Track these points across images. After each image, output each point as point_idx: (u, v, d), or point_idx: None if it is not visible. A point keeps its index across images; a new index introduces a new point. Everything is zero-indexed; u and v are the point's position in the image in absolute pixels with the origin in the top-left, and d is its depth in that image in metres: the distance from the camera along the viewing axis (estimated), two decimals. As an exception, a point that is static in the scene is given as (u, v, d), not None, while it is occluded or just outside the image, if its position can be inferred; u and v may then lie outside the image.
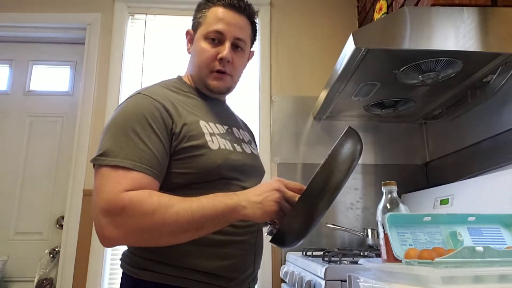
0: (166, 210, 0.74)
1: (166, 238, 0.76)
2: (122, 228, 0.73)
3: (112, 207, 0.73)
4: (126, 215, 0.73)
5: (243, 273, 0.91)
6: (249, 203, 0.76)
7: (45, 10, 2.14)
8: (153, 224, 0.73)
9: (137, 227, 0.73)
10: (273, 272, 1.82)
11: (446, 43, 1.19)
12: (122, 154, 0.77)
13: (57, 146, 2.13)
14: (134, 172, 0.77)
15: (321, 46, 2.16)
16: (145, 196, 0.75)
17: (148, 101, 0.85)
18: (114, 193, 0.74)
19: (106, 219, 0.73)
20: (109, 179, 0.76)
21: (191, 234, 0.77)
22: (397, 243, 0.74)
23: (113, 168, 0.76)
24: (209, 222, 0.76)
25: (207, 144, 0.87)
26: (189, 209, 0.75)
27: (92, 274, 1.81)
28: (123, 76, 2.08)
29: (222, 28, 0.95)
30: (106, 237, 0.74)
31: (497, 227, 0.82)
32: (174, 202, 0.75)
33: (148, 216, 0.73)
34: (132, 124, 0.81)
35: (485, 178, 1.31)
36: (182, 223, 0.74)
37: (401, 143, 2.00)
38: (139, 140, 0.79)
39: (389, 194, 0.87)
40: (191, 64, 1.02)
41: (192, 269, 0.83)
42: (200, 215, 0.75)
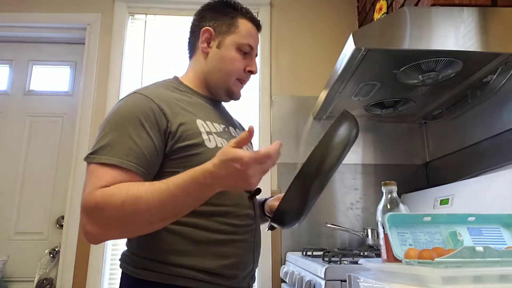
0: (136, 200, 0.72)
1: (143, 227, 0.76)
2: (98, 224, 0.75)
3: (87, 204, 0.74)
4: (99, 210, 0.73)
5: (242, 271, 0.92)
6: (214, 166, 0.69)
7: (45, 10, 2.14)
8: (125, 215, 0.73)
9: (111, 220, 0.74)
10: (273, 272, 1.82)
11: (446, 43, 1.19)
12: (110, 152, 0.79)
13: (57, 146, 2.13)
14: (118, 170, 0.77)
15: (321, 46, 2.16)
16: (114, 188, 0.75)
17: (143, 100, 0.86)
18: (90, 190, 0.75)
19: (85, 216, 0.75)
20: (92, 177, 0.78)
21: (170, 219, 0.77)
22: (397, 243, 0.74)
23: (100, 165, 0.78)
24: (184, 205, 0.75)
25: (204, 143, 0.88)
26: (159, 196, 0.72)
27: (92, 274, 1.81)
28: (123, 76, 2.08)
29: (253, 44, 1.03)
30: (87, 233, 0.76)
31: (497, 227, 0.82)
32: (143, 190, 0.73)
33: (118, 208, 0.73)
34: (124, 123, 0.82)
35: (485, 178, 1.31)
36: (155, 211, 0.73)
37: (401, 143, 2.00)
38: (128, 139, 0.80)
39: (389, 194, 0.87)
40: (211, 66, 1.01)
41: (192, 268, 0.83)
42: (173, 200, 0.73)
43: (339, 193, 1.93)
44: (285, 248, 1.84)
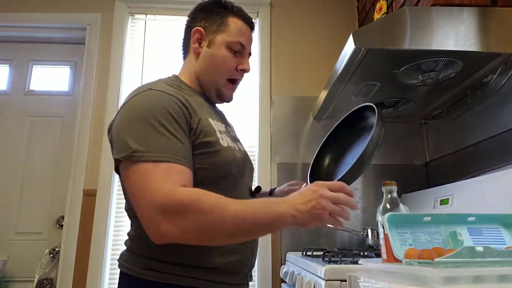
0: (223, 210, 0.74)
1: (220, 237, 0.77)
2: (180, 225, 0.73)
3: (170, 203, 0.73)
4: (184, 212, 0.73)
5: (244, 268, 0.94)
6: (298, 212, 0.76)
7: (45, 10, 2.14)
8: (211, 222, 0.74)
9: (195, 224, 0.73)
10: (273, 272, 1.82)
11: (446, 43, 1.19)
12: (158, 148, 0.77)
13: (57, 146, 2.13)
14: (176, 165, 0.77)
15: (321, 46, 2.16)
16: (202, 194, 0.75)
17: (164, 95, 0.85)
18: (168, 188, 0.74)
19: (163, 216, 0.72)
20: (154, 175, 0.75)
21: (244, 236, 0.80)
22: (397, 243, 0.74)
23: (154, 163, 0.76)
24: (261, 227, 0.78)
25: (219, 141, 0.89)
26: (243, 211, 0.75)
27: (92, 274, 1.81)
28: (123, 76, 2.08)
29: (245, 42, 1.01)
30: (161, 233, 0.73)
31: (497, 227, 0.82)
32: (230, 202, 0.76)
33: (205, 214, 0.73)
34: (157, 117, 0.80)
35: (485, 178, 1.31)
36: (236, 225, 0.75)
37: (401, 143, 2.00)
38: (169, 134, 0.80)
39: (389, 194, 0.87)
40: (203, 66, 1.01)
41: (199, 266, 0.84)
42: (253, 220, 0.76)
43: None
44: (285, 248, 1.84)
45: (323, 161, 1.31)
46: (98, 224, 1.87)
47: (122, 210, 1.93)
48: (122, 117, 0.84)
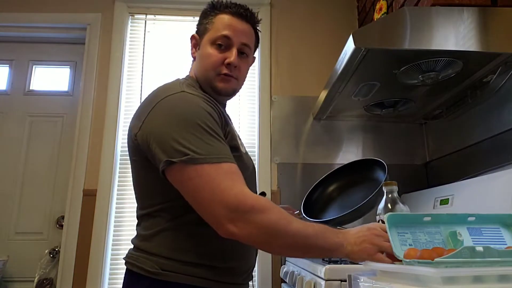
0: (289, 224, 0.78)
1: (279, 248, 0.81)
2: (248, 227, 0.76)
3: (242, 205, 0.76)
4: (255, 214, 0.76)
5: (250, 267, 0.97)
6: (349, 245, 0.79)
7: (45, 10, 2.14)
8: (276, 232, 0.77)
9: (262, 230, 0.77)
10: (273, 272, 1.82)
11: (446, 43, 1.19)
12: (214, 150, 0.80)
13: (57, 146, 2.13)
14: (233, 165, 0.81)
15: (321, 46, 2.16)
16: (269, 202, 0.80)
17: (200, 99, 0.88)
18: (238, 190, 0.77)
19: (235, 216, 0.76)
20: (220, 176, 0.78)
21: (299, 253, 0.84)
22: (397, 243, 0.74)
23: (215, 164, 0.79)
24: (316, 250, 0.81)
25: (240, 147, 0.94)
26: (305, 231, 0.79)
27: (92, 274, 1.81)
28: (123, 76, 2.07)
29: (229, 34, 0.98)
30: (230, 232, 0.77)
31: (497, 227, 0.82)
32: (294, 219, 0.80)
33: (273, 223, 0.77)
34: (203, 120, 0.83)
35: (485, 178, 1.31)
36: (297, 240, 0.78)
37: (401, 143, 2.00)
38: (218, 136, 0.83)
39: (389, 194, 0.87)
40: (197, 68, 1.02)
41: (211, 266, 0.86)
42: (313, 241, 0.79)
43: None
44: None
45: (327, 187, 1.41)
46: (98, 224, 1.86)
47: (122, 210, 1.94)
48: (163, 119, 0.84)
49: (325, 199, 1.22)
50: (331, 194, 1.23)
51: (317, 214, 1.14)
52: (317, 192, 1.45)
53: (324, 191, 1.39)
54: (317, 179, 1.78)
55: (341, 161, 1.96)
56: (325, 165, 1.95)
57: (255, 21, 1.06)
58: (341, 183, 1.22)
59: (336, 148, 1.99)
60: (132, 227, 1.91)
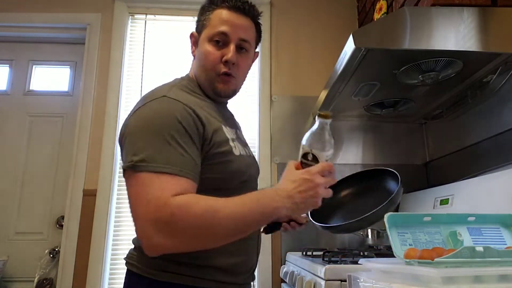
0: (215, 215, 0.74)
1: (216, 241, 0.78)
2: (172, 235, 0.72)
3: (161, 214, 0.71)
4: (175, 222, 0.71)
5: (250, 268, 0.95)
6: (294, 204, 0.78)
7: (45, 10, 2.14)
8: (204, 229, 0.74)
9: (188, 234, 0.73)
10: (273, 272, 1.82)
11: (446, 43, 1.19)
12: (163, 159, 0.76)
13: (57, 146, 2.13)
14: (178, 178, 0.76)
15: (321, 46, 2.16)
16: (192, 199, 0.75)
17: (179, 105, 0.84)
18: (161, 200, 0.72)
19: (155, 228, 0.71)
20: (153, 186, 0.74)
21: (240, 235, 0.79)
22: (397, 243, 0.74)
23: (155, 174, 0.75)
24: (255, 224, 0.80)
25: (232, 150, 0.89)
26: (237, 212, 0.76)
27: (92, 274, 1.81)
28: (123, 76, 2.08)
29: (226, 29, 0.94)
30: (154, 246, 0.73)
31: (497, 227, 0.82)
32: (221, 205, 0.75)
33: (198, 218, 0.73)
34: (168, 129, 0.79)
35: (485, 178, 1.31)
36: (232, 226, 0.76)
37: (401, 143, 2.00)
38: (177, 146, 0.78)
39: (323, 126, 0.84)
40: (196, 67, 1.00)
41: (210, 267, 0.85)
42: (249, 219, 0.77)
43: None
44: (285, 248, 1.84)
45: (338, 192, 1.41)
46: (98, 224, 1.87)
47: (122, 210, 1.94)
48: (134, 124, 0.83)
49: (335, 204, 1.22)
50: (343, 199, 1.23)
51: (325, 219, 1.13)
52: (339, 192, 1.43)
53: (335, 195, 1.38)
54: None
55: (341, 161, 1.97)
56: (325, 165, 1.95)
57: (254, 14, 1.01)
58: (355, 189, 1.21)
59: (336, 148, 1.99)
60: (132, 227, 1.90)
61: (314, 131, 0.86)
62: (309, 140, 0.86)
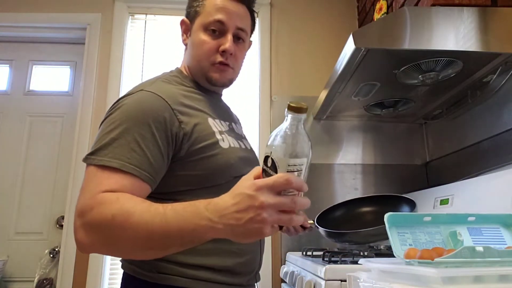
0: (125, 219, 0.64)
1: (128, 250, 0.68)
2: (88, 233, 0.66)
3: (83, 209, 0.67)
4: (90, 218, 0.66)
5: (253, 269, 0.92)
6: (226, 226, 0.59)
7: (45, 10, 2.14)
8: (111, 232, 0.65)
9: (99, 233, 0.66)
10: (273, 272, 1.82)
11: (446, 43, 1.19)
12: (111, 153, 0.72)
13: (57, 146, 2.13)
14: (120, 173, 0.71)
15: (321, 46, 2.16)
16: (113, 199, 0.66)
17: (154, 99, 0.80)
18: (91, 194, 0.68)
19: (78, 221, 0.67)
20: (92, 179, 0.71)
21: (155, 252, 0.68)
22: (397, 243, 0.74)
23: (100, 168, 0.71)
24: (173, 242, 0.64)
25: (219, 143, 0.84)
26: (149, 223, 0.63)
27: (92, 274, 1.81)
28: (123, 76, 2.08)
29: (223, 17, 0.90)
30: (77, 241, 0.68)
31: (497, 227, 0.82)
32: (138, 208, 0.65)
33: (107, 221, 0.64)
34: (130, 123, 0.75)
35: (485, 178, 1.31)
36: (140, 238, 0.64)
37: (401, 143, 2.00)
38: (132, 140, 0.74)
39: (295, 124, 0.65)
40: (188, 56, 0.96)
41: (209, 267, 0.81)
42: (162, 233, 0.63)
43: (339, 193, 1.93)
44: (285, 248, 1.84)
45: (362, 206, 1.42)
46: (98, 224, 1.86)
47: (122, 210, 1.93)
48: (106, 117, 0.80)
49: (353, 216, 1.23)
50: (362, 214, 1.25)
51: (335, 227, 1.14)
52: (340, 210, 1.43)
53: (355, 209, 1.40)
54: (317, 179, 1.79)
55: (341, 161, 1.97)
56: (325, 165, 1.95)
57: (250, 1, 0.97)
58: (376, 208, 1.19)
59: (336, 148, 1.99)
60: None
61: (281, 129, 0.65)
62: (273, 139, 0.63)
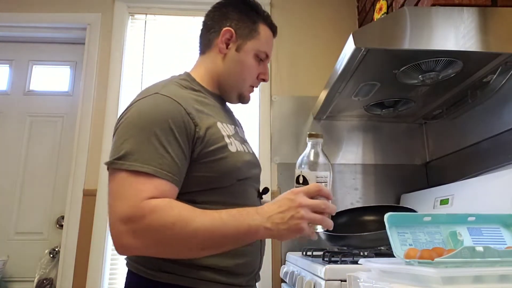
0: (186, 225, 0.72)
1: (185, 252, 0.76)
2: (140, 238, 0.71)
3: (133, 215, 0.71)
4: (146, 225, 0.71)
5: (253, 269, 0.94)
6: (273, 224, 0.73)
7: (45, 10, 2.14)
8: (171, 237, 0.72)
9: (155, 238, 0.72)
10: (273, 272, 1.82)
11: (446, 43, 1.19)
12: (141, 158, 0.75)
13: (57, 146, 2.13)
14: (155, 179, 0.74)
15: (321, 46, 2.16)
16: (166, 206, 0.72)
17: (169, 103, 0.82)
18: (135, 201, 0.71)
19: (125, 227, 0.71)
20: (130, 185, 0.73)
21: (211, 251, 0.77)
22: (397, 243, 0.74)
23: (131, 173, 0.74)
24: (230, 241, 0.76)
25: (227, 147, 0.87)
26: (210, 226, 0.72)
27: (92, 274, 1.81)
28: (123, 76, 2.07)
29: (269, 52, 1.04)
30: (123, 246, 0.72)
31: (497, 227, 0.82)
32: (196, 216, 0.73)
33: (167, 228, 0.71)
34: (153, 127, 0.78)
35: (485, 178, 1.31)
36: (201, 240, 0.73)
37: (401, 143, 2.00)
38: (159, 145, 0.77)
39: (314, 147, 0.84)
40: (227, 69, 0.99)
41: (210, 268, 0.84)
42: (221, 234, 0.73)
43: (339, 193, 1.93)
44: (285, 248, 1.84)
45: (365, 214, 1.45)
46: (98, 224, 1.86)
47: (122, 210, 1.93)
48: (122, 122, 0.82)
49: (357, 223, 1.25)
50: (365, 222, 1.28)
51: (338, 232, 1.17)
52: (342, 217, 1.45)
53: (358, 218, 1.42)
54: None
55: (341, 161, 1.97)
56: (325, 165, 1.95)
57: None
58: (379, 218, 1.20)
59: (336, 148, 1.99)
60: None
61: (305, 153, 0.84)
62: (300, 161, 0.82)
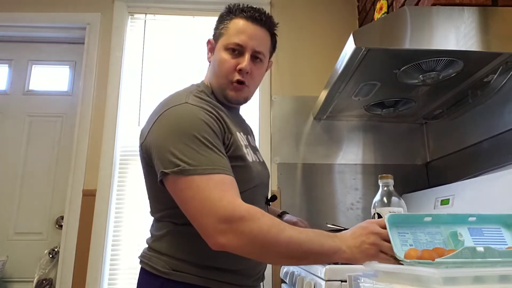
0: (280, 231, 0.76)
1: (272, 257, 0.82)
2: (238, 238, 0.75)
3: (232, 215, 0.75)
4: (244, 225, 0.75)
5: (259, 271, 0.98)
6: (348, 248, 0.77)
7: (45, 10, 2.14)
8: (267, 242, 0.76)
9: (252, 240, 0.76)
10: (273, 273, 1.82)
11: (447, 43, 1.19)
12: (207, 161, 0.80)
13: (57, 146, 2.13)
14: (226, 176, 0.81)
15: (321, 46, 2.15)
16: (260, 212, 0.78)
17: (202, 111, 0.88)
18: (229, 201, 0.77)
19: (224, 226, 0.75)
20: (211, 187, 0.78)
21: (294, 261, 0.81)
22: (398, 243, 0.74)
23: (206, 175, 0.79)
24: (313, 256, 0.79)
25: (246, 157, 0.93)
26: (298, 237, 0.77)
27: (91, 274, 1.81)
28: (123, 76, 2.07)
29: (242, 41, 0.98)
30: (220, 243, 0.76)
31: (498, 227, 0.81)
32: (285, 226, 0.78)
33: (264, 233, 0.76)
34: (200, 132, 0.83)
35: (486, 178, 1.31)
36: (291, 248, 0.77)
37: (401, 143, 2.00)
38: (214, 148, 0.83)
39: (385, 187, 0.88)
40: (210, 73, 1.03)
41: (221, 268, 0.88)
42: (307, 247, 0.77)
43: (339, 193, 1.92)
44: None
45: None
46: (98, 224, 1.86)
47: (121, 210, 1.93)
48: (163, 131, 0.86)
49: None
50: None
51: None
52: None
53: None
54: (317, 179, 1.77)
55: (341, 161, 1.96)
56: (325, 165, 1.95)
57: (271, 25, 1.06)
58: None
59: (336, 148, 1.99)
60: (131, 227, 1.90)
61: (378, 192, 0.94)
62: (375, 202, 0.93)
